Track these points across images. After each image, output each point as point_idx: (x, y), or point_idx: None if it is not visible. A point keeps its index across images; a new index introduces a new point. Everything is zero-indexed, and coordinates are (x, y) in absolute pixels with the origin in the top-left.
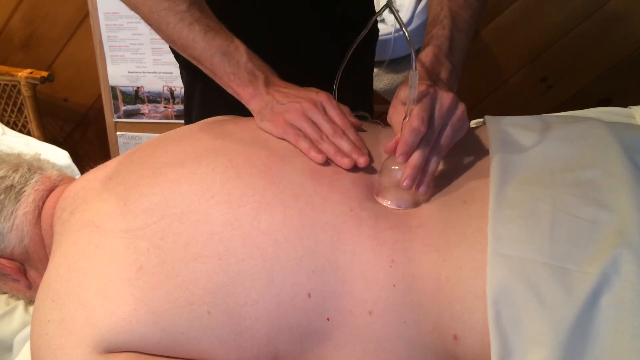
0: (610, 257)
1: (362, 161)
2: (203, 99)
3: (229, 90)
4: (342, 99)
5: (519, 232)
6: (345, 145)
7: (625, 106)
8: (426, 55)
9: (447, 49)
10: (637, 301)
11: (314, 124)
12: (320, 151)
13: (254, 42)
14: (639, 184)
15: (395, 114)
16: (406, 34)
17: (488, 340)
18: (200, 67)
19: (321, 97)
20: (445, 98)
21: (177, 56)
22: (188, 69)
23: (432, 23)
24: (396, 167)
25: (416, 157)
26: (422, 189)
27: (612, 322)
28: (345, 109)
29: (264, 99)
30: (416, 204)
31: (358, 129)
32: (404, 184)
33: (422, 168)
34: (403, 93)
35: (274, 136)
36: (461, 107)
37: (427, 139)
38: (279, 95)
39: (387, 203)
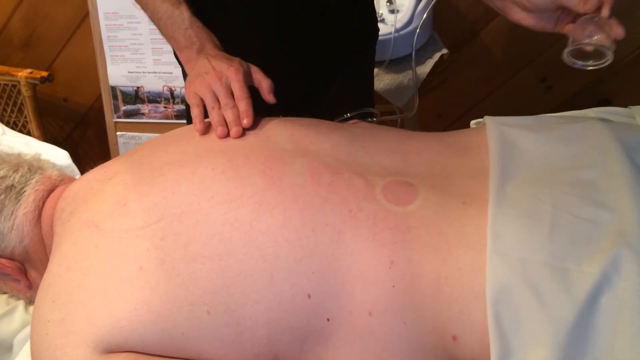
0: (611, 257)
1: (234, 131)
2: None
3: (174, 54)
4: (342, 98)
5: (518, 232)
6: (229, 115)
7: (625, 106)
8: None
9: None
10: (637, 301)
11: (213, 94)
12: (202, 121)
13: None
14: (638, 184)
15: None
16: None
17: (488, 341)
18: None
19: (230, 72)
20: None
21: None
22: None
23: None
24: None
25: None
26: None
27: (612, 322)
28: (266, 86)
29: (192, 65)
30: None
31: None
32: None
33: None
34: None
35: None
36: None
37: None
38: (201, 62)
39: (581, 45)
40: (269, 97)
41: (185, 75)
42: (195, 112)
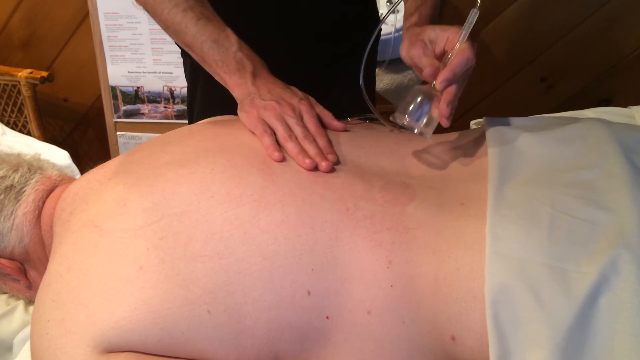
0: (609, 257)
1: (324, 165)
2: (206, 84)
3: (217, 78)
4: (342, 98)
5: (517, 232)
6: (311, 149)
7: (625, 106)
8: (421, 16)
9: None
10: (636, 301)
11: (286, 125)
12: (279, 149)
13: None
14: (637, 185)
15: (416, 49)
16: None
17: (486, 341)
18: (192, 55)
19: (302, 105)
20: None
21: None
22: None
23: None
24: (422, 96)
25: (455, 88)
26: (445, 121)
27: (611, 322)
28: (328, 114)
29: (248, 89)
30: (427, 132)
31: (344, 130)
32: (445, 108)
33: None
34: (431, 32)
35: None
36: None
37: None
38: (263, 89)
39: (403, 122)
40: (337, 124)
41: (192, 96)
42: (268, 141)
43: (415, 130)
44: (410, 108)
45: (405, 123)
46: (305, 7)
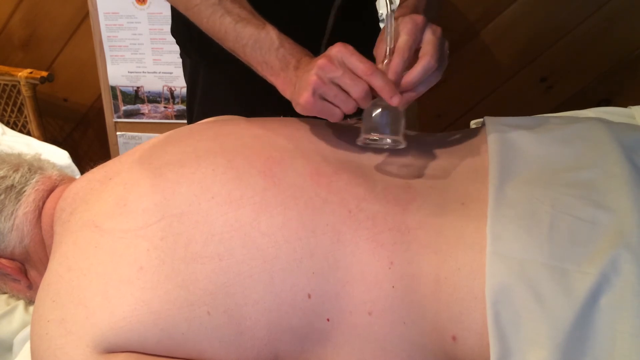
0: (610, 257)
1: (396, 99)
2: (206, 85)
3: (269, 81)
4: None
5: (518, 232)
6: (378, 81)
7: (625, 106)
8: (406, 7)
9: (424, 6)
10: (636, 301)
11: (334, 85)
12: (341, 113)
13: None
14: (638, 185)
15: (378, 48)
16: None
17: (487, 341)
18: (243, 61)
19: (334, 50)
20: (436, 26)
21: (180, 41)
22: (192, 54)
23: None
24: (379, 110)
25: (398, 63)
26: (396, 99)
27: (612, 323)
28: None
29: (294, 84)
30: (397, 144)
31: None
32: (392, 74)
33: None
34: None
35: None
36: (447, 42)
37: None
38: (301, 72)
39: (369, 141)
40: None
41: (192, 95)
42: (334, 113)
43: (387, 141)
44: (371, 124)
45: (377, 138)
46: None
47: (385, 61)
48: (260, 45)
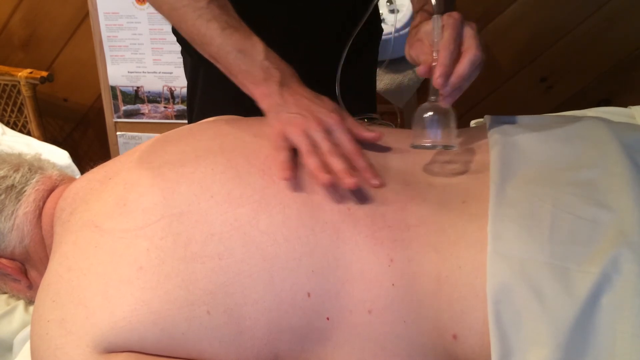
0: (611, 256)
1: (348, 182)
2: (206, 84)
3: (244, 89)
4: (345, 98)
5: (519, 231)
6: (337, 164)
7: (625, 106)
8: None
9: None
10: (637, 301)
11: (310, 140)
12: (291, 168)
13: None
14: (638, 184)
15: (422, 48)
16: None
17: (488, 340)
18: (218, 67)
19: (331, 118)
20: (471, 24)
21: (181, 40)
22: (193, 53)
23: None
24: (429, 110)
25: (447, 56)
26: (448, 88)
27: (612, 322)
28: (359, 126)
29: (275, 100)
30: (451, 143)
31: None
32: (438, 80)
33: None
34: (427, 26)
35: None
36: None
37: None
38: (290, 100)
39: (425, 143)
40: (370, 135)
41: (192, 95)
42: (283, 156)
43: (440, 146)
44: (424, 128)
45: (429, 145)
46: (306, 6)
47: (435, 56)
48: (245, 54)
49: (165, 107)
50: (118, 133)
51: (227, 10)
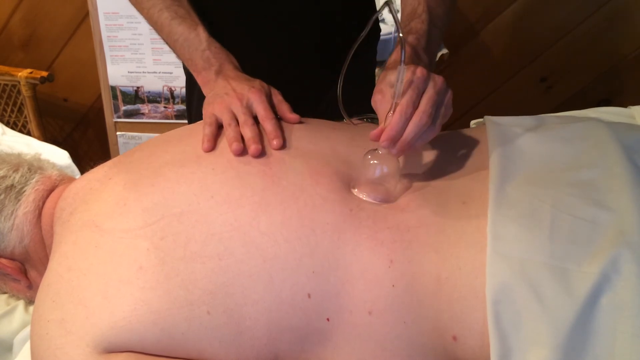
0: (610, 257)
1: (252, 149)
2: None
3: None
4: (345, 98)
5: (518, 232)
6: (247, 133)
7: (625, 106)
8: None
9: (424, 43)
10: (637, 301)
11: (232, 114)
12: (212, 140)
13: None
14: (638, 184)
15: (382, 100)
16: (400, 30)
17: (488, 341)
18: (174, 53)
19: (251, 93)
20: (438, 78)
21: None
22: None
23: (409, 16)
24: (375, 162)
25: (398, 122)
26: (394, 151)
27: (612, 322)
28: (285, 106)
29: (211, 86)
30: (390, 199)
31: (298, 122)
32: (383, 143)
33: (403, 137)
34: (392, 76)
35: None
36: (450, 92)
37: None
38: (221, 84)
39: (362, 196)
40: (291, 116)
41: (190, 93)
42: (207, 130)
43: (373, 202)
44: (365, 176)
45: (364, 198)
46: (304, 6)
47: (390, 114)
48: (189, 44)
49: (165, 107)
50: (118, 133)
51: (180, 1)
